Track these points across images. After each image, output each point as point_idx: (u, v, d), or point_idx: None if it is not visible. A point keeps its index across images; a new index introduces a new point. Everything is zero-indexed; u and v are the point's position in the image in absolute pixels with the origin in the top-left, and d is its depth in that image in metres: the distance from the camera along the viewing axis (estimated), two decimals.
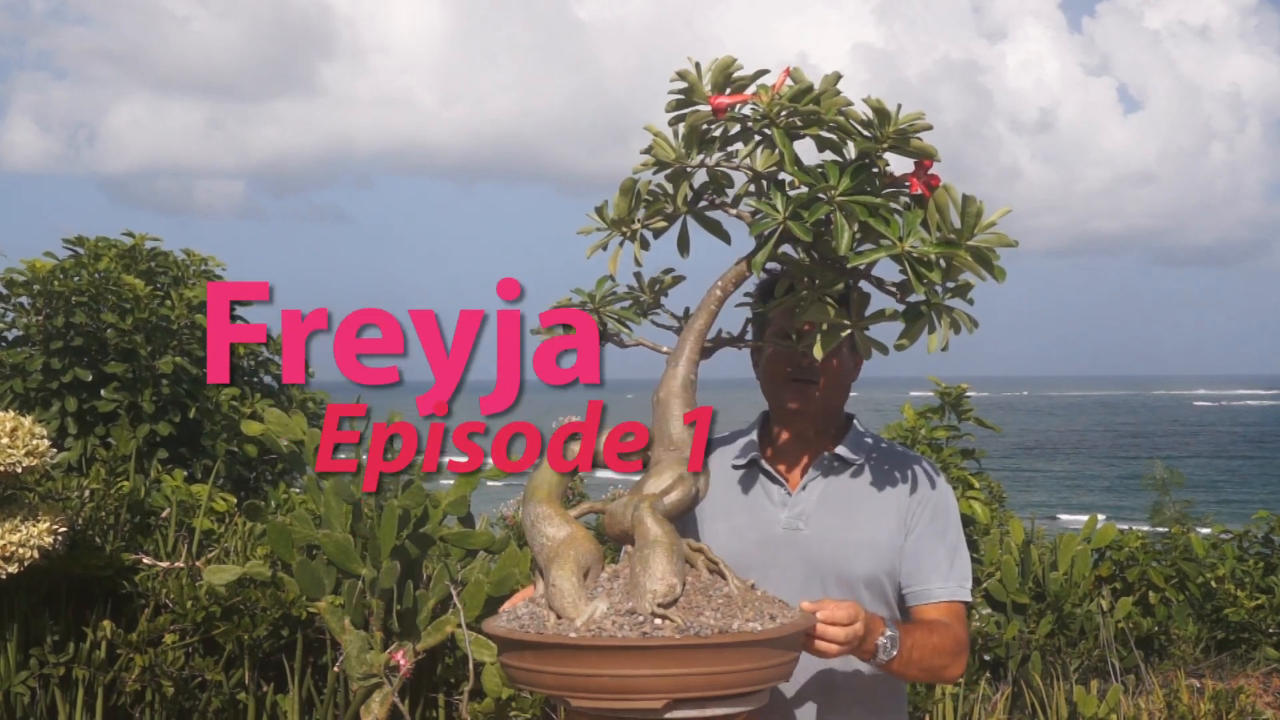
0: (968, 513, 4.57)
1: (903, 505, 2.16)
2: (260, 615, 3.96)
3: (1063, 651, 4.93)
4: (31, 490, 3.88)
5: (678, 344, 1.88)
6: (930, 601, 2.13)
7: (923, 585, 2.14)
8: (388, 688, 3.40)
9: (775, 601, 1.79)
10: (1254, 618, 5.49)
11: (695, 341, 1.87)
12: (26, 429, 3.64)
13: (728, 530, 2.13)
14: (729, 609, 1.70)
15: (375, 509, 3.56)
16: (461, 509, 3.71)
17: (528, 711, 3.69)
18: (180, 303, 5.48)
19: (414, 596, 3.54)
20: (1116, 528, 5.74)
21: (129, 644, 3.89)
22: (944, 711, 4.39)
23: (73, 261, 5.41)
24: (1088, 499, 32.92)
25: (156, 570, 4.06)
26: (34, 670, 3.82)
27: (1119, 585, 5.56)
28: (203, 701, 3.96)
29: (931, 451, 4.65)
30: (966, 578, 2.17)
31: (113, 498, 4.22)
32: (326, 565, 3.53)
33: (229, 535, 4.33)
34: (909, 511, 2.16)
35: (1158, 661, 5.21)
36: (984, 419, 4.99)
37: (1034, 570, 5.06)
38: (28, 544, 3.59)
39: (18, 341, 5.30)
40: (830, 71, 1.77)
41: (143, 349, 5.25)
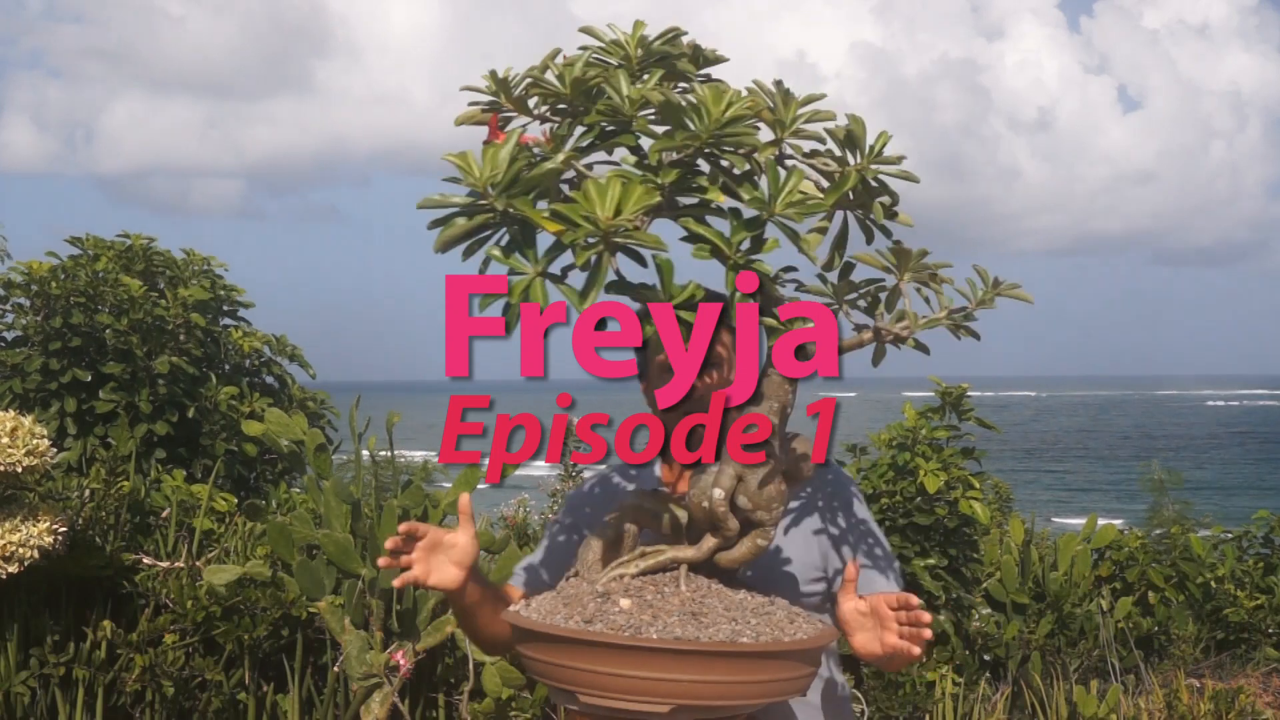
0: (968, 513, 4.57)
1: (824, 533, 2.08)
2: (260, 615, 3.96)
3: (1063, 651, 4.93)
4: (31, 490, 3.88)
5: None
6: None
7: (869, 590, 2.05)
8: (388, 688, 3.40)
9: (797, 615, 1.78)
10: (1254, 618, 5.49)
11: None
12: (26, 429, 3.64)
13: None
14: (744, 617, 1.70)
15: (375, 509, 3.56)
16: None
17: (528, 711, 3.69)
18: (175, 303, 5.48)
19: (414, 596, 3.54)
20: (1116, 528, 5.75)
21: (129, 644, 3.89)
22: (944, 711, 4.39)
23: (71, 262, 5.41)
24: (1115, 503, 32.80)
25: (156, 570, 4.06)
26: (34, 670, 3.82)
27: (1119, 585, 5.56)
28: (203, 701, 3.96)
29: (932, 451, 4.65)
30: (893, 558, 2.12)
31: (113, 498, 4.22)
32: (326, 565, 3.53)
33: (229, 535, 4.33)
34: (835, 542, 2.07)
35: (1157, 661, 5.21)
36: (985, 419, 4.98)
37: (1034, 570, 5.06)
38: (28, 544, 3.59)
39: (16, 342, 5.30)
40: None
41: (138, 349, 5.25)
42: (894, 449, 4.72)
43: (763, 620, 1.70)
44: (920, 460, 4.58)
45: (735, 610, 1.71)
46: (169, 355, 5.31)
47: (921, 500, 4.56)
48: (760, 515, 1.74)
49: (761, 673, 1.66)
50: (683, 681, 1.61)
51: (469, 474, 3.70)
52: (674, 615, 1.67)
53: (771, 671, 1.66)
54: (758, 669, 1.65)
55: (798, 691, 1.74)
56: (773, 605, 1.76)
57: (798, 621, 1.75)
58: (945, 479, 4.54)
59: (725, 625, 1.66)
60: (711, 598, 1.73)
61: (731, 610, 1.71)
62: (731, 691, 1.64)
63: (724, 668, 1.63)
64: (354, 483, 3.63)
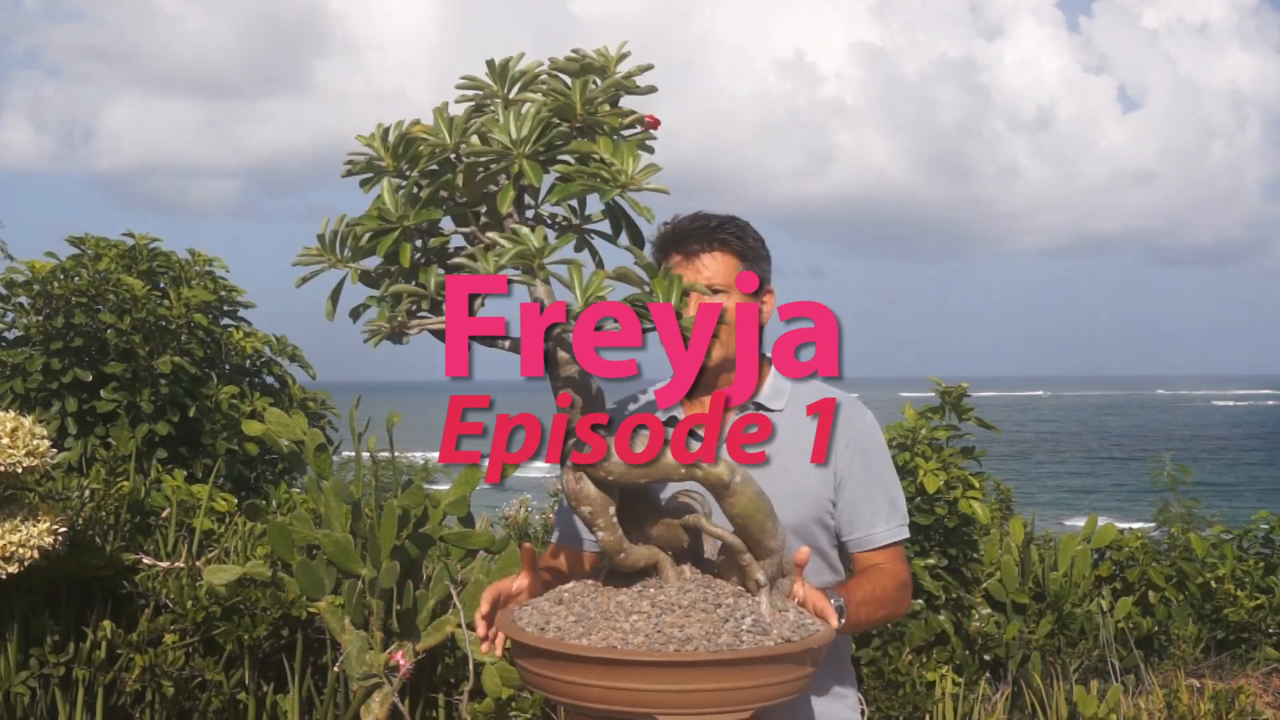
0: (968, 513, 4.57)
1: (831, 450, 2.11)
2: (260, 615, 3.96)
3: (1063, 651, 4.93)
4: (31, 490, 3.88)
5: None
6: (873, 547, 2.14)
7: (865, 532, 2.14)
8: (388, 688, 3.40)
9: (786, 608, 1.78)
10: (1254, 618, 5.49)
11: None
12: (27, 429, 3.64)
13: None
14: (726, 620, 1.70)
15: (375, 509, 3.56)
16: (461, 509, 3.71)
17: (528, 711, 3.69)
18: (179, 302, 5.48)
19: (414, 596, 3.54)
20: (1116, 528, 5.75)
21: (129, 644, 3.89)
22: (944, 711, 4.39)
23: (72, 262, 5.41)
24: (1117, 503, 32.74)
25: (156, 570, 4.06)
26: (34, 670, 3.82)
27: (1119, 585, 5.56)
28: (203, 701, 3.96)
29: (932, 451, 4.65)
30: (904, 514, 2.18)
31: (113, 498, 4.22)
32: (326, 565, 3.53)
33: (229, 535, 4.33)
34: (838, 457, 2.13)
35: (1157, 661, 5.22)
36: (984, 419, 4.98)
37: (1034, 570, 5.06)
38: (28, 544, 3.59)
39: (17, 342, 5.30)
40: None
41: (140, 349, 5.25)
42: (894, 449, 4.73)
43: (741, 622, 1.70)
44: (920, 460, 4.58)
45: (727, 608, 1.72)
46: (171, 355, 5.31)
47: (921, 500, 4.57)
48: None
49: (766, 676, 1.66)
50: (673, 691, 1.61)
51: (469, 474, 3.70)
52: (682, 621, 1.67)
53: (771, 675, 1.67)
54: (760, 674, 1.66)
55: (797, 692, 1.74)
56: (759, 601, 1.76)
57: (788, 617, 1.76)
58: (945, 479, 4.55)
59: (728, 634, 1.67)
60: (694, 590, 1.74)
61: (723, 608, 1.71)
62: (726, 698, 1.64)
63: (711, 676, 1.61)
64: (354, 483, 3.64)
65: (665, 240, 2.19)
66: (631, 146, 1.72)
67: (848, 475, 2.14)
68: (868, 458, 2.16)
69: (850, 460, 2.14)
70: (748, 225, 2.20)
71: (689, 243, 2.17)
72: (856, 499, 2.14)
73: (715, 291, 2.13)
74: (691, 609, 1.70)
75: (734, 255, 2.16)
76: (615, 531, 1.77)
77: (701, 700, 1.60)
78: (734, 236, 2.17)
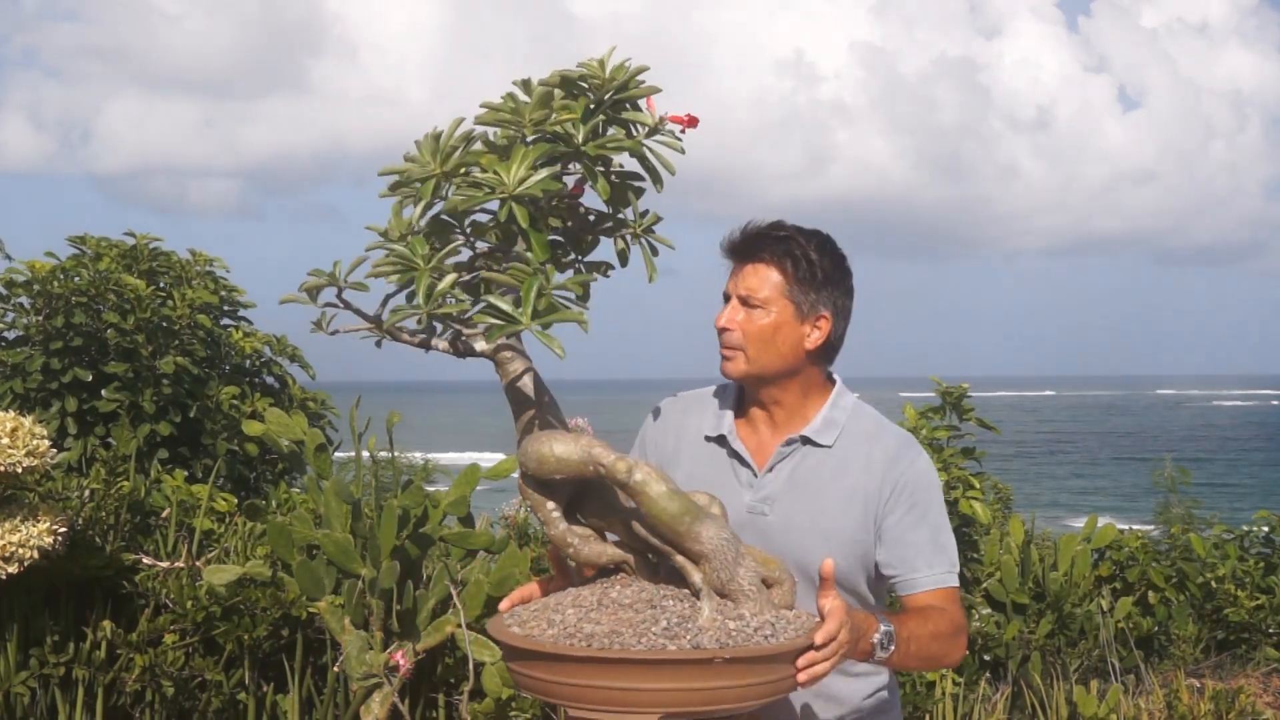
0: (968, 513, 4.57)
1: (873, 491, 2.07)
2: (260, 615, 3.96)
3: (1063, 651, 4.93)
4: (31, 490, 3.88)
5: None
6: (919, 591, 2.08)
7: (909, 574, 2.08)
8: (388, 688, 3.40)
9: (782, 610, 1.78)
10: (1254, 618, 5.49)
11: None
12: (26, 429, 3.64)
13: None
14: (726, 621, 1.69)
15: (375, 509, 3.56)
16: (461, 509, 3.71)
17: (528, 711, 3.69)
18: (183, 303, 5.48)
19: (414, 596, 3.54)
20: (1117, 528, 5.74)
21: (129, 644, 3.89)
22: (944, 711, 4.39)
23: (73, 261, 5.41)
24: (1117, 503, 32.71)
25: (156, 570, 4.06)
26: (34, 670, 3.82)
27: (1119, 585, 5.56)
28: (203, 701, 3.96)
29: (933, 451, 4.65)
30: (954, 561, 2.11)
31: (113, 498, 4.22)
32: (326, 565, 3.53)
33: (229, 535, 4.33)
34: (880, 497, 2.07)
35: (1158, 661, 5.21)
36: (985, 419, 4.99)
37: (1034, 570, 5.06)
38: (28, 544, 3.59)
39: (18, 341, 5.30)
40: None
41: (144, 349, 5.25)
42: None
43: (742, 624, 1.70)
44: None
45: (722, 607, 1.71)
46: (174, 355, 5.31)
47: None
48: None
49: (757, 675, 1.66)
50: (672, 690, 1.61)
51: (469, 474, 3.70)
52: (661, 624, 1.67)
53: (762, 674, 1.67)
54: (752, 673, 1.65)
55: (791, 689, 1.74)
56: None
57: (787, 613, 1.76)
58: (945, 479, 4.55)
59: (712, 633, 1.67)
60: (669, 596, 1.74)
61: (657, 609, 1.71)
62: (726, 696, 1.64)
63: (714, 674, 1.61)
64: (354, 483, 3.63)
65: (722, 244, 2.16)
66: (528, 155, 1.74)
67: (889, 512, 2.07)
68: (915, 499, 2.09)
69: (894, 500, 2.08)
70: (814, 245, 2.10)
71: (735, 251, 2.14)
72: (900, 538, 2.07)
73: (751, 306, 2.07)
74: (628, 608, 1.70)
75: (778, 272, 2.08)
76: (557, 527, 1.79)
77: (600, 698, 1.62)
78: (781, 254, 2.08)
